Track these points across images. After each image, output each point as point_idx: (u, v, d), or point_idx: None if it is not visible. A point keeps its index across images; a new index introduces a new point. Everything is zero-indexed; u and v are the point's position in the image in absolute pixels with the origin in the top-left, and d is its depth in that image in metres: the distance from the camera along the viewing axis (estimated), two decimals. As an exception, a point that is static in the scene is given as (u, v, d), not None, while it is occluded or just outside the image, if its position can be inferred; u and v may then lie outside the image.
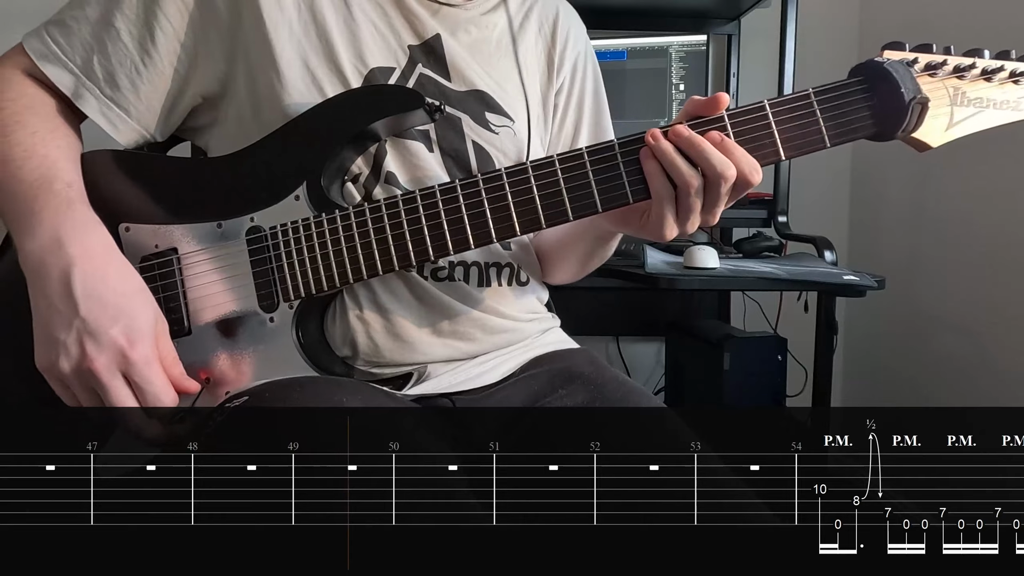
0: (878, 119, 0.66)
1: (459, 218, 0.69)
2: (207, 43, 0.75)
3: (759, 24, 1.86)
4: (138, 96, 0.76)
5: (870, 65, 0.66)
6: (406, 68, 0.79)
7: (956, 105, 0.64)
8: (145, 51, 0.74)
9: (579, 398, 0.78)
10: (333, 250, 0.71)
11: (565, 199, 0.68)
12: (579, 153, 0.68)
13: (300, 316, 0.72)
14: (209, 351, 0.72)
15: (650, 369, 2.06)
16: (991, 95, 0.65)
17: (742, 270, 1.32)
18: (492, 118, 0.83)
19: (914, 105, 0.63)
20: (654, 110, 1.76)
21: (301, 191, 0.72)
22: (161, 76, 0.76)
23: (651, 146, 0.66)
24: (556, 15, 0.93)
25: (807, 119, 0.66)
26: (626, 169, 0.67)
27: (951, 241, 1.64)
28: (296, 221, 0.71)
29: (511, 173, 0.69)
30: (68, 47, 0.74)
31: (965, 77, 0.64)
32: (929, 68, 0.64)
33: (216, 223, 0.73)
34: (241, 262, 0.72)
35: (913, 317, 1.77)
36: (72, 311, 0.63)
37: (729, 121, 0.66)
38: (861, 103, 0.66)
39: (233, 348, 0.72)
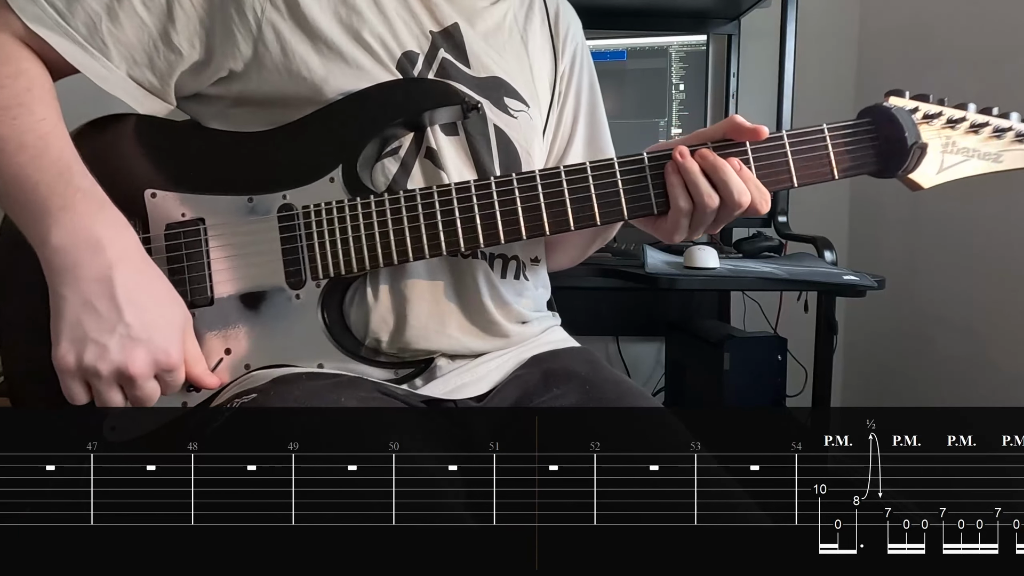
0: (882, 158, 0.72)
1: (491, 213, 0.72)
2: (230, 26, 0.73)
3: (759, 24, 1.86)
4: (154, 72, 0.74)
5: (878, 109, 0.72)
6: (429, 53, 0.80)
7: (947, 152, 0.72)
8: (163, 25, 0.72)
9: (572, 398, 0.78)
10: (366, 234, 0.72)
11: (595, 204, 0.72)
12: (610, 162, 0.72)
13: (326, 295, 0.73)
14: (231, 323, 0.73)
15: (650, 369, 2.06)
16: (976, 146, 0.72)
17: (742, 270, 1.32)
18: (510, 103, 0.84)
19: (915, 149, 0.70)
20: (654, 110, 1.76)
21: (336, 174, 0.73)
22: (178, 54, 0.74)
23: (678, 162, 0.70)
24: (557, 7, 0.96)
25: (820, 152, 0.72)
26: (653, 182, 0.72)
27: (951, 241, 1.64)
28: (330, 203, 0.73)
29: (544, 175, 0.72)
30: (69, 13, 0.70)
31: (956, 128, 0.72)
32: (927, 117, 0.71)
33: (247, 197, 0.73)
34: (271, 238, 0.73)
35: (913, 317, 1.76)
36: (116, 315, 0.64)
37: (750, 146, 0.71)
38: (868, 143, 0.72)
39: (255, 322, 0.73)
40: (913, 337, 1.77)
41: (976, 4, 1.55)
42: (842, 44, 1.94)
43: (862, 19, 1.95)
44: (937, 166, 0.72)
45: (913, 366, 1.77)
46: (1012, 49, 1.44)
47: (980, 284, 1.55)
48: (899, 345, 1.83)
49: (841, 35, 1.95)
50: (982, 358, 1.54)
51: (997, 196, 1.49)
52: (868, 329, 1.97)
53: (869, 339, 1.97)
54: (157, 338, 0.65)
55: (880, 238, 1.92)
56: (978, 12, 1.54)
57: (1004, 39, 1.47)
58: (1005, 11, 1.46)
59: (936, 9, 1.67)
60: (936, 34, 1.67)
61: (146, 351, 0.65)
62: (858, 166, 0.72)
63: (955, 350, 1.62)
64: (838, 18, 1.94)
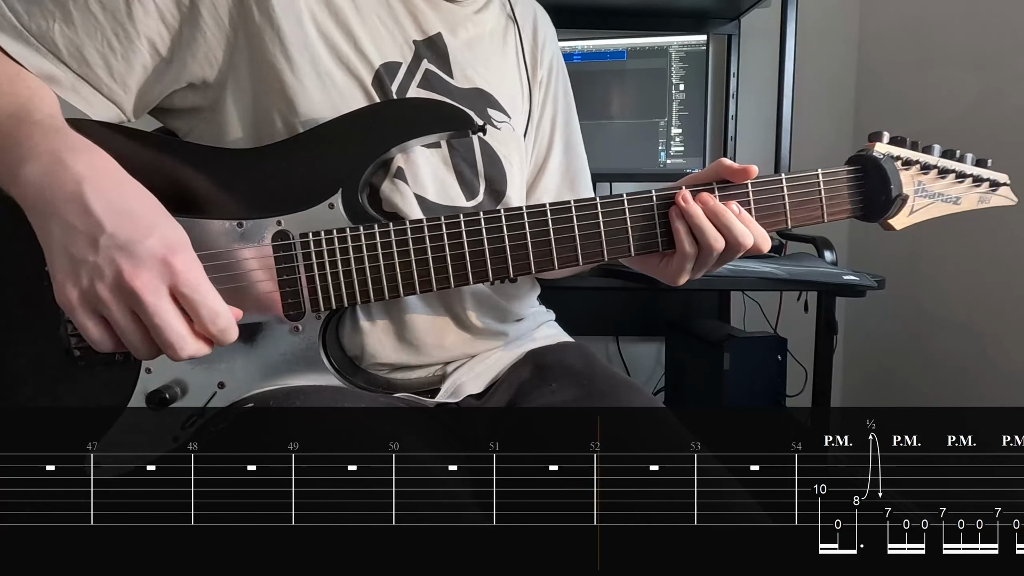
0: (867, 205, 0.76)
1: (501, 248, 0.70)
2: (201, 27, 0.70)
3: (759, 24, 1.86)
4: (110, 73, 0.70)
5: (869, 159, 0.75)
6: (412, 63, 0.79)
7: (918, 196, 0.77)
8: (119, 24, 0.69)
9: (569, 394, 0.78)
10: (370, 265, 0.68)
11: (603, 240, 0.71)
12: (619, 199, 0.72)
13: (326, 326, 0.70)
14: (224, 356, 0.69)
15: (650, 369, 2.06)
16: (941, 190, 0.78)
17: (742, 270, 1.32)
18: (494, 114, 0.84)
19: (899, 200, 0.75)
20: (654, 110, 1.76)
21: (336, 199, 0.69)
22: (137, 54, 0.70)
23: (681, 207, 0.70)
24: (535, 15, 0.96)
25: (812, 196, 0.74)
26: (659, 220, 0.72)
27: (951, 241, 1.64)
28: (330, 231, 0.68)
29: (555, 209, 0.71)
30: (25, 14, 0.67)
31: (927, 173, 0.77)
32: (906, 163, 0.76)
33: (237, 222, 0.68)
34: (265, 267, 0.68)
35: (913, 317, 1.76)
36: (96, 227, 0.56)
37: (751, 189, 0.73)
38: (857, 190, 0.76)
39: (251, 353, 0.69)
40: (913, 337, 1.77)
41: (976, 4, 1.55)
42: (842, 44, 1.94)
43: (862, 19, 1.95)
44: (909, 209, 0.77)
45: (913, 366, 1.77)
46: (1012, 49, 1.44)
47: (980, 284, 1.55)
48: (899, 345, 1.83)
49: (841, 35, 1.95)
50: (982, 358, 1.54)
51: (997, 196, 1.49)
52: (868, 329, 1.97)
53: (869, 339, 1.97)
54: (153, 242, 0.56)
55: (880, 238, 1.92)
56: (978, 12, 1.54)
57: (1004, 39, 1.46)
58: (1005, 11, 1.46)
59: (936, 9, 1.67)
60: (936, 34, 1.67)
61: (142, 257, 0.56)
62: (845, 211, 0.76)
63: (955, 350, 1.62)
64: (838, 18, 1.94)
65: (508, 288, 0.85)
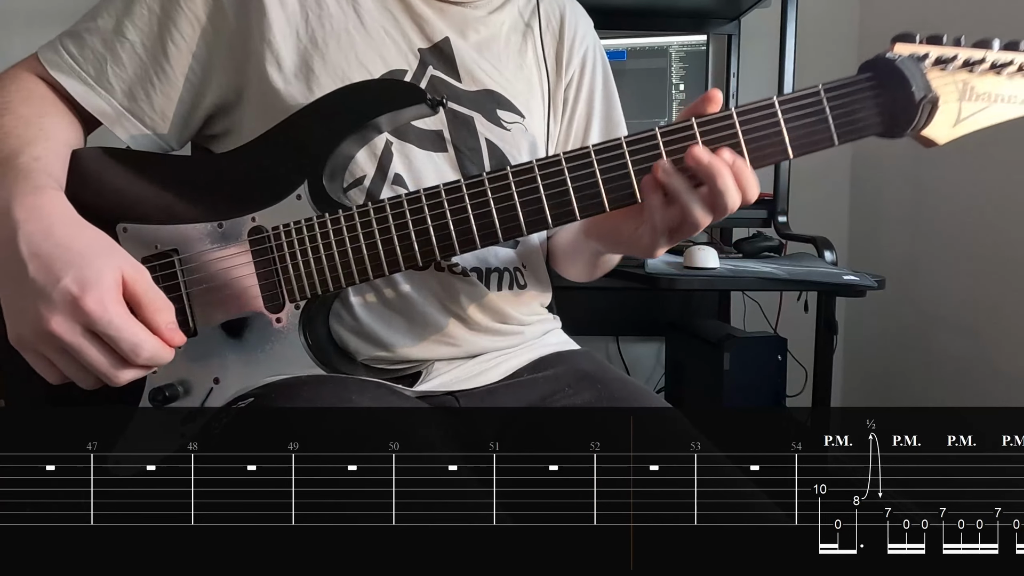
0: (888, 117, 0.64)
1: (465, 218, 0.68)
2: (219, 55, 0.76)
3: (759, 24, 1.86)
4: (152, 107, 0.77)
5: (881, 61, 0.64)
6: (417, 71, 0.79)
7: (964, 100, 0.62)
8: (159, 64, 0.76)
9: (586, 396, 0.79)
10: (338, 251, 0.70)
11: (572, 198, 0.66)
12: (586, 151, 0.66)
13: (307, 316, 0.72)
14: (216, 352, 0.71)
15: (650, 369, 2.06)
16: (999, 89, 0.62)
17: (742, 270, 1.32)
18: (504, 115, 0.84)
19: (924, 104, 0.62)
20: (654, 110, 1.76)
21: (302, 190, 0.71)
22: (174, 88, 0.77)
23: (661, 181, 0.63)
24: (563, 11, 0.94)
25: (817, 116, 0.64)
26: (634, 168, 0.65)
27: (951, 241, 1.64)
28: (299, 221, 0.70)
29: (517, 172, 0.67)
30: (80, 57, 0.75)
31: (975, 71, 0.62)
32: (940, 62, 0.62)
33: (217, 223, 0.72)
34: (244, 263, 0.71)
35: (913, 317, 1.77)
36: (21, 273, 0.58)
37: (738, 119, 0.64)
38: (871, 101, 0.64)
39: (240, 349, 0.72)
40: (913, 337, 1.77)
41: (976, 4, 1.55)
42: (842, 44, 1.94)
43: (862, 19, 1.95)
44: (954, 117, 0.62)
45: (913, 366, 1.78)
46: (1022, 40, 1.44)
47: (980, 284, 1.55)
48: (899, 345, 1.83)
49: (841, 35, 1.95)
50: (982, 358, 1.54)
51: (997, 196, 1.49)
52: (868, 329, 1.97)
53: (869, 339, 1.97)
54: (65, 284, 0.57)
55: (880, 238, 1.92)
56: (978, 12, 1.54)
57: (1004, 39, 1.46)
58: (1005, 11, 1.46)
59: (936, 9, 1.67)
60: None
61: (54, 301, 0.57)
62: (862, 128, 0.64)
63: (955, 350, 1.62)
64: (838, 18, 1.94)
65: (511, 295, 0.85)
